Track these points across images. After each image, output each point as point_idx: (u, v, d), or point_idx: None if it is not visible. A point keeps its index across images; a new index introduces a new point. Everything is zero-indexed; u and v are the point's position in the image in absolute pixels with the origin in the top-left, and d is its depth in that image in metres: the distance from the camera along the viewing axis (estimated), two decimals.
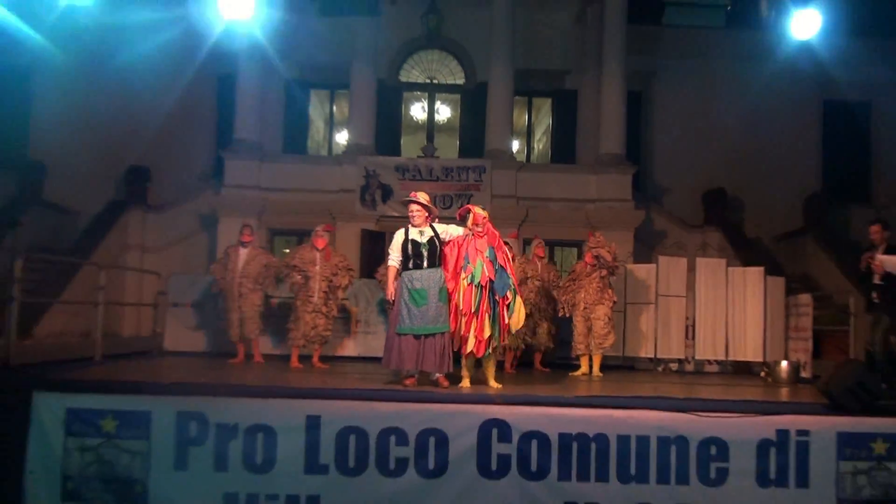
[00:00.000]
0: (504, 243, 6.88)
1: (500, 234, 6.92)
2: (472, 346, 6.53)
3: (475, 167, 13.41)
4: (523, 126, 16.48)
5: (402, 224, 6.93)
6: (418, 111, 16.74)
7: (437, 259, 6.70)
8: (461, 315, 6.55)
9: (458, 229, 6.83)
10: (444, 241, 6.76)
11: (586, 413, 5.73)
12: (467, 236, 6.70)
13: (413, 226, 6.76)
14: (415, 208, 6.77)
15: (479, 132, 14.31)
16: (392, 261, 6.80)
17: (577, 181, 13.79)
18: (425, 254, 6.65)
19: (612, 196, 13.53)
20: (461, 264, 6.59)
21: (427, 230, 6.74)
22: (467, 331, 6.53)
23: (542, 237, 9.54)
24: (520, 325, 6.80)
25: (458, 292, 6.56)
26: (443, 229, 6.83)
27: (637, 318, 9.69)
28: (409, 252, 6.68)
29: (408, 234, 6.75)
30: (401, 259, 6.74)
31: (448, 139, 16.41)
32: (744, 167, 14.93)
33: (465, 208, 6.87)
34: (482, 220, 6.70)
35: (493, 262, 6.57)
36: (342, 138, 16.33)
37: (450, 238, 6.78)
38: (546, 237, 9.88)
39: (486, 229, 6.70)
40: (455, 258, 6.65)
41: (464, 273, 6.55)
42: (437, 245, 6.71)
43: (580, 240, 12.76)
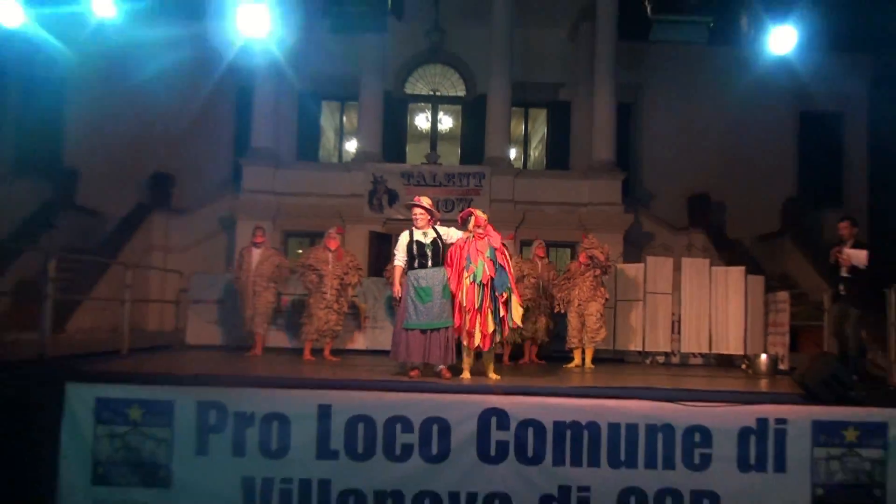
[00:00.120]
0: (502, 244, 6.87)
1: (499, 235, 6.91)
2: (478, 340, 6.53)
3: (475, 173, 13.41)
4: (520, 135, 16.48)
5: (408, 226, 6.90)
6: (422, 121, 16.74)
7: (441, 258, 6.69)
8: (465, 312, 6.54)
9: (457, 233, 6.82)
10: (447, 242, 6.76)
11: (579, 402, 5.72)
12: (468, 238, 6.70)
13: (416, 228, 6.76)
14: (418, 211, 6.76)
15: (479, 140, 14.33)
16: (398, 261, 6.78)
17: (571, 186, 13.79)
18: (429, 254, 6.64)
19: (604, 200, 13.52)
20: (463, 264, 6.59)
21: (430, 232, 6.73)
22: (472, 326, 6.52)
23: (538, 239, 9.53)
24: (519, 320, 6.80)
25: (462, 291, 6.55)
26: (444, 231, 6.82)
27: (627, 313, 9.68)
28: (415, 252, 6.66)
29: (412, 235, 6.73)
30: (406, 259, 6.73)
31: (450, 147, 16.41)
32: (726, 173, 14.94)
33: (467, 211, 6.85)
34: (483, 222, 6.68)
35: (494, 261, 6.57)
36: (351, 146, 16.34)
37: (451, 241, 6.78)
38: (542, 238, 9.86)
39: (486, 231, 6.69)
40: (458, 259, 6.65)
41: (466, 272, 6.53)
42: (440, 245, 6.70)
43: (574, 241, 12.76)
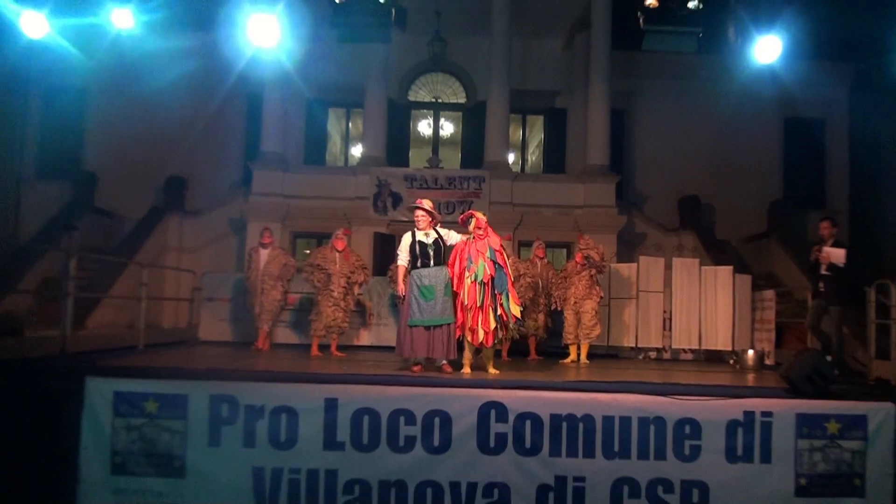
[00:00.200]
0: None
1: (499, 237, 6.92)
2: (482, 336, 6.54)
3: (475, 177, 13.39)
4: (518, 140, 16.46)
5: (411, 228, 6.91)
6: (425, 127, 16.73)
7: (442, 258, 6.70)
8: (467, 310, 6.55)
9: (457, 235, 6.84)
10: (448, 244, 6.76)
11: (575, 396, 5.73)
12: (469, 239, 6.71)
13: (418, 229, 6.77)
14: (420, 214, 6.78)
15: (479, 145, 14.30)
16: (401, 261, 6.80)
17: (567, 189, 13.76)
18: (431, 254, 6.67)
19: (598, 203, 13.49)
20: (465, 265, 6.60)
21: (432, 233, 6.75)
22: (475, 323, 6.53)
23: (534, 240, 9.52)
24: (517, 312, 6.77)
25: (464, 289, 6.56)
26: (444, 233, 6.83)
27: (620, 311, 9.69)
28: (417, 252, 6.68)
29: (415, 236, 6.75)
30: (409, 259, 6.74)
31: (451, 152, 16.39)
32: (714, 176, 14.92)
33: (469, 214, 6.87)
34: (483, 224, 6.70)
35: (494, 261, 6.58)
36: (357, 151, 16.31)
37: (451, 242, 6.79)
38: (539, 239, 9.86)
39: (486, 232, 6.71)
40: (459, 260, 6.66)
41: (468, 272, 6.55)
42: (442, 246, 6.72)
43: (569, 241, 12.76)
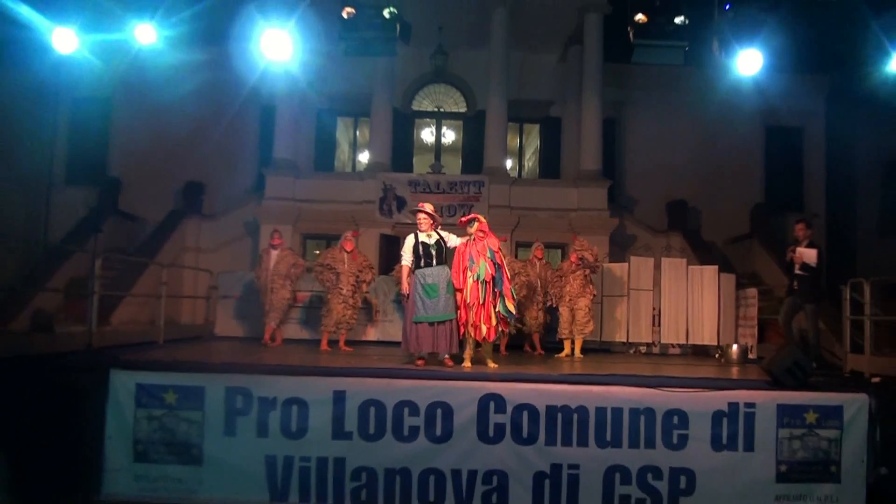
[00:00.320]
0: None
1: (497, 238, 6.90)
2: (484, 331, 6.53)
3: (475, 182, 13.38)
4: (516, 147, 16.43)
5: (414, 230, 6.91)
6: (427, 135, 16.70)
7: (444, 258, 6.70)
8: (470, 307, 6.54)
9: (457, 239, 6.83)
10: (449, 245, 6.76)
11: (569, 388, 5.72)
12: (469, 241, 6.70)
13: (420, 231, 6.76)
14: (422, 216, 6.78)
15: (479, 152, 14.30)
16: (405, 261, 6.79)
17: (561, 193, 13.74)
18: (434, 254, 6.66)
19: (591, 206, 13.48)
20: (466, 265, 6.59)
21: (433, 234, 6.76)
22: (477, 320, 6.53)
23: (531, 241, 9.50)
24: (513, 308, 6.74)
25: (466, 288, 6.55)
26: (445, 235, 6.83)
27: (612, 308, 9.66)
28: (421, 253, 6.68)
29: (418, 238, 6.74)
30: (412, 259, 6.73)
31: (452, 158, 16.38)
32: (701, 182, 14.91)
33: (472, 217, 6.85)
34: (485, 226, 6.70)
35: (493, 261, 6.57)
36: (364, 158, 16.31)
37: (451, 244, 6.78)
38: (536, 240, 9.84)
39: (487, 234, 6.70)
40: (460, 260, 6.64)
41: (469, 272, 6.54)
42: (443, 247, 6.72)
43: (564, 242, 12.75)
